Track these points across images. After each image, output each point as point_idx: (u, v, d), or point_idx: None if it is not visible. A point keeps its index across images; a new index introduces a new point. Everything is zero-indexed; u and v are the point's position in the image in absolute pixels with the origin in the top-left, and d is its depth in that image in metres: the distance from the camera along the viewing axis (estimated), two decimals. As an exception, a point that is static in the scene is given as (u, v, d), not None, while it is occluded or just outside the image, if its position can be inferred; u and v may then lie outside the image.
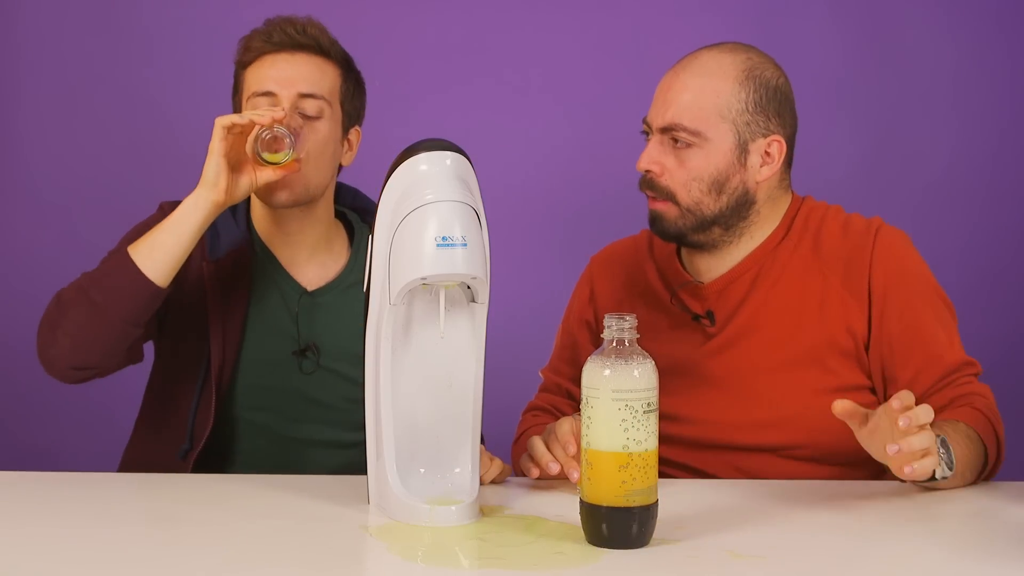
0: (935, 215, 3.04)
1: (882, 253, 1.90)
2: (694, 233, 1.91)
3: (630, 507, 1.46)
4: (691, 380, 1.92)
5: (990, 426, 1.80)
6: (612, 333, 1.48)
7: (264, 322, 1.99)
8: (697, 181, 1.88)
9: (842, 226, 1.95)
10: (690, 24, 3.05)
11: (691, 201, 1.88)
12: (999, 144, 3.12)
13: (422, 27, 3.10)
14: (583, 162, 3.11)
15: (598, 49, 3.12)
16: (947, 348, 1.88)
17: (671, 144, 1.88)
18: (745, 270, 1.94)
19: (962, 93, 3.12)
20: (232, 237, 2.00)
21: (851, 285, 1.89)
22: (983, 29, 3.12)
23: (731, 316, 1.93)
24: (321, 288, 2.03)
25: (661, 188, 1.89)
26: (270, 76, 1.95)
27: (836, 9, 3.12)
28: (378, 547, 1.53)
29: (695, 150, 1.87)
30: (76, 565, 1.44)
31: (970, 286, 1.96)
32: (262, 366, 1.97)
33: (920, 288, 1.91)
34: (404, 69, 3.06)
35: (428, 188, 1.56)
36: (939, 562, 1.48)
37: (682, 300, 1.96)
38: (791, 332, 1.89)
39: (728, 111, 1.87)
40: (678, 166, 1.88)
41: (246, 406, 1.85)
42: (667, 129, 1.88)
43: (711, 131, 1.87)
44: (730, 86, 1.87)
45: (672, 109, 1.87)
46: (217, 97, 2.15)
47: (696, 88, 1.87)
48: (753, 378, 1.89)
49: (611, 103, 3.08)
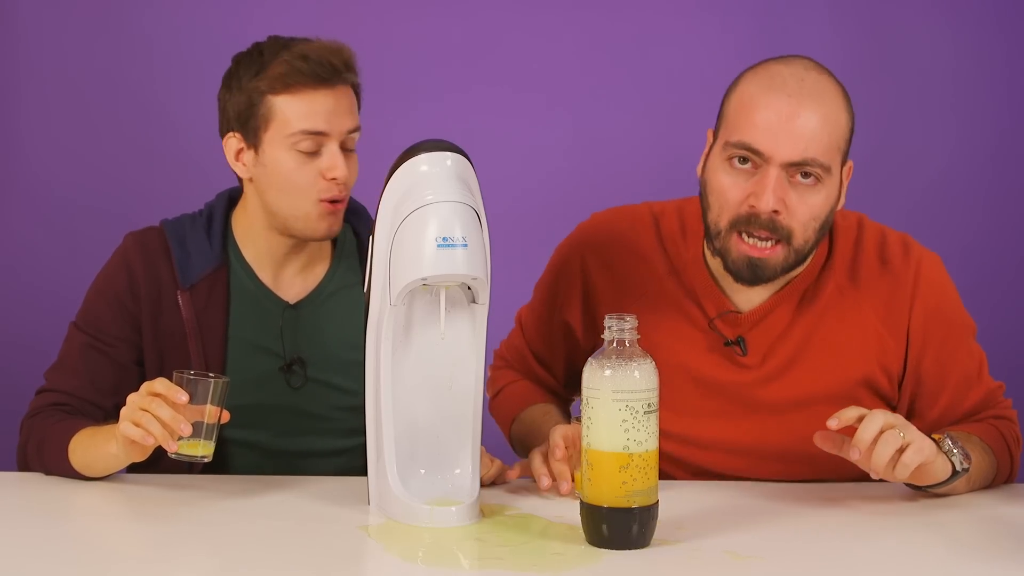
0: (934, 215, 3.03)
1: (923, 292, 1.80)
2: (783, 272, 1.75)
3: (630, 508, 1.46)
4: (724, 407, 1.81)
5: (1005, 446, 1.77)
6: (612, 334, 1.48)
7: (246, 341, 1.96)
8: (815, 220, 1.71)
9: (879, 254, 1.82)
10: (690, 25, 3.04)
11: (804, 240, 1.71)
12: (998, 144, 3.12)
13: (423, 30, 3.10)
14: (583, 162, 3.10)
15: (598, 50, 3.12)
16: (975, 382, 1.83)
17: (790, 178, 1.69)
18: (785, 298, 1.80)
19: (961, 94, 3.12)
20: (206, 261, 1.95)
21: (891, 325, 1.80)
22: (982, 30, 3.12)
23: (771, 349, 1.80)
24: (303, 300, 1.99)
25: (783, 228, 1.70)
26: (319, 114, 1.86)
27: (836, 9, 3.12)
28: (378, 548, 1.53)
29: (819, 187, 1.70)
30: (76, 565, 1.44)
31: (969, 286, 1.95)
32: (249, 385, 1.92)
33: (957, 326, 1.84)
34: (404, 71, 3.05)
35: (429, 189, 1.56)
36: (940, 562, 1.48)
37: (717, 327, 1.82)
38: (829, 368, 1.80)
39: (842, 143, 1.73)
40: (799, 204, 1.69)
41: (236, 426, 1.81)
42: (798, 164, 1.68)
43: (834, 165, 1.72)
44: (845, 114, 1.74)
45: (807, 143, 1.67)
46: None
47: (825, 118, 1.69)
48: (787, 412, 1.80)
49: (611, 104, 3.08)
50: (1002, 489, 1.77)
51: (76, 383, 1.92)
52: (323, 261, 2.03)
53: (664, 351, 1.70)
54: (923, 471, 1.62)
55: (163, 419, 1.64)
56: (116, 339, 1.94)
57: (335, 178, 1.87)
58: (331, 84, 1.88)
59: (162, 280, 1.95)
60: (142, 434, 1.65)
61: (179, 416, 1.64)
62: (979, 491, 1.75)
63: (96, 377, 1.92)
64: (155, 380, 1.69)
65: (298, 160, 1.88)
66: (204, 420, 1.68)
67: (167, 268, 1.95)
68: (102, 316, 1.95)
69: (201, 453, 1.69)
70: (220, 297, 1.95)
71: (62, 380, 1.93)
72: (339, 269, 2.02)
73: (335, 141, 1.88)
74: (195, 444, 1.68)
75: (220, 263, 1.97)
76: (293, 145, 1.87)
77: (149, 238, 1.98)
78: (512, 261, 2.08)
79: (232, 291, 1.97)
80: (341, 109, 1.89)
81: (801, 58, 1.76)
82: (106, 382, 1.92)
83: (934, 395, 1.82)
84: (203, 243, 1.97)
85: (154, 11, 3.06)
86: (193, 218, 2.01)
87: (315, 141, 1.87)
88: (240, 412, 1.79)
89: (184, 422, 1.64)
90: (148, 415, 1.65)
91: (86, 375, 1.92)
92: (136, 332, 1.94)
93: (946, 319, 1.83)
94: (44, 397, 1.93)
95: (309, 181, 1.88)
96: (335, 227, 1.92)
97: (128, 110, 3.06)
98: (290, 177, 1.88)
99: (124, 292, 1.95)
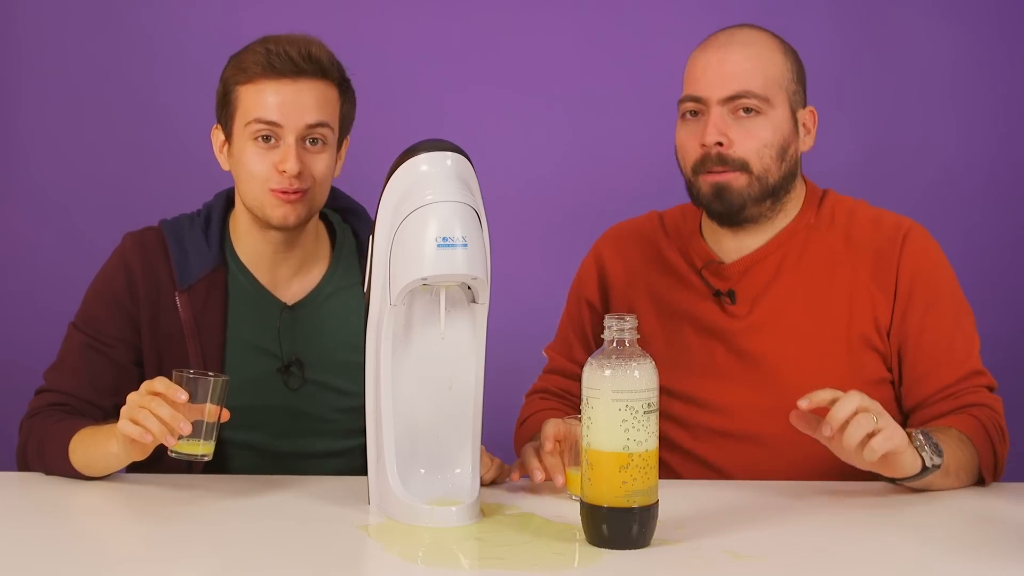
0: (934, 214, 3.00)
1: (912, 250, 1.90)
2: (754, 204, 1.90)
3: (630, 507, 1.46)
4: (711, 363, 1.92)
5: (986, 437, 1.78)
6: (612, 334, 1.48)
7: (245, 342, 1.96)
8: (768, 147, 1.88)
9: (873, 220, 1.95)
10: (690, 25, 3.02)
11: (762, 168, 1.88)
12: (998, 143, 3.12)
13: (422, 29, 3.10)
14: (583, 162, 3.10)
15: (598, 50, 3.12)
16: (961, 356, 1.87)
17: (732, 115, 1.87)
18: (769, 252, 1.93)
19: (961, 93, 3.12)
20: (204, 262, 1.96)
21: (879, 278, 1.89)
22: (982, 29, 3.12)
23: (757, 298, 1.92)
24: (301, 301, 1.99)
25: (734, 159, 1.87)
26: (272, 105, 1.87)
27: (836, 9, 3.12)
28: (378, 548, 1.53)
29: (763, 118, 1.88)
30: (76, 565, 1.44)
31: (969, 286, 1.96)
32: (247, 386, 1.93)
33: (946, 292, 1.90)
34: (404, 70, 3.05)
35: (428, 188, 1.57)
36: (940, 562, 1.47)
37: (705, 277, 1.95)
38: (820, 322, 1.89)
39: (782, 80, 1.90)
40: (746, 135, 1.87)
41: (234, 426, 1.81)
42: (734, 97, 1.87)
43: (775, 98, 1.89)
44: (780, 57, 1.91)
45: (737, 78, 1.87)
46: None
47: (754, 58, 1.89)
48: (779, 365, 1.88)
49: (611, 104, 3.08)
50: (1006, 489, 1.77)
51: (75, 383, 1.92)
52: (321, 262, 2.03)
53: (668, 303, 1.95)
54: (891, 461, 1.63)
55: (162, 417, 1.64)
56: (115, 339, 1.94)
57: (284, 171, 1.87)
58: (291, 77, 1.88)
59: (160, 280, 1.95)
60: (141, 432, 1.65)
61: (178, 415, 1.65)
62: (981, 491, 1.76)
63: (95, 377, 1.92)
64: (155, 379, 1.69)
65: (255, 150, 1.89)
66: (204, 419, 1.68)
67: (166, 268, 1.96)
68: (101, 316, 1.95)
69: (201, 452, 1.69)
70: (218, 298, 1.95)
71: (61, 380, 1.93)
72: (337, 270, 2.02)
73: (291, 134, 1.88)
74: (195, 444, 1.68)
75: (218, 264, 1.97)
76: (251, 134, 1.89)
77: (148, 238, 1.98)
78: (512, 261, 2.08)
79: (230, 292, 1.97)
80: (302, 103, 1.89)
81: (745, 24, 1.96)
82: (105, 382, 1.92)
83: (914, 357, 1.87)
84: (201, 244, 1.97)
85: (154, 11, 3.06)
86: (191, 218, 2.01)
87: (270, 131, 1.88)
88: (239, 413, 1.79)
89: (184, 421, 1.64)
90: (147, 413, 1.65)
91: (85, 375, 1.92)
92: (135, 332, 1.94)
93: (935, 282, 1.90)
94: (43, 397, 1.93)
95: (263, 171, 1.89)
96: (291, 216, 1.91)
97: (128, 110, 3.06)
98: (247, 166, 1.90)
99: (123, 292, 1.95)
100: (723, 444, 1.90)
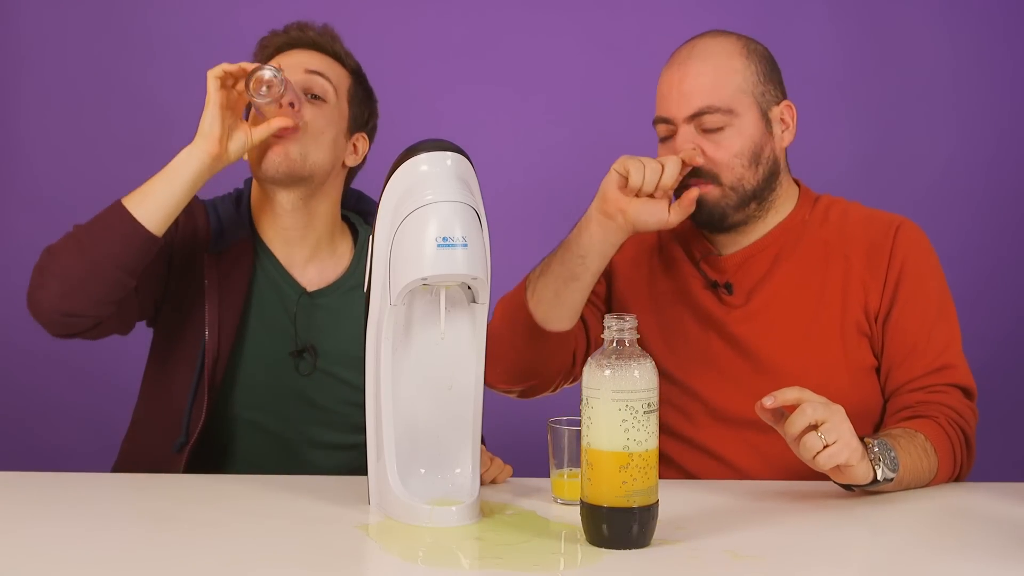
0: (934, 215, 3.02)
1: (904, 240, 1.93)
2: (735, 212, 1.92)
3: (630, 507, 1.46)
4: (708, 350, 1.95)
5: (950, 446, 1.79)
6: (612, 333, 1.48)
7: (262, 320, 1.99)
8: (739, 156, 1.90)
9: (867, 217, 1.98)
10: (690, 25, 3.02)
11: (734, 178, 1.90)
12: (998, 144, 3.12)
13: (422, 29, 3.11)
14: (583, 162, 3.09)
15: (598, 50, 3.12)
16: (938, 348, 1.89)
17: (701, 131, 1.90)
18: (765, 247, 1.97)
19: (962, 93, 3.12)
20: (236, 232, 2.01)
21: (872, 266, 1.92)
22: (982, 29, 3.12)
23: (753, 289, 1.95)
24: (321, 290, 2.03)
25: (706, 172, 1.90)
26: (281, 64, 1.96)
27: (836, 9, 3.12)
28: (378, 548, 1.53)
29: (729, 130, 1.90)
30: (76, 565, 1.44)
31: (969, 286, 1.97)
32: (259, 364, 1.97)
33: (932, 285, 1.93)
34: (405, 70, 3.06)
35: (429, 188, 1.57)
36: (940, 562, 1.47)
37: (703, 269, 1.99)
38: (814, 311, 1.92)
39: (747, 84, 1.91)
40: (716, 148, 1.89)
41: (243, 404, 1.85)
42: (697, 115, 1.89)
43: (739, 107, 1.90)
44: (741, 62, 1.92)
45: (697, 95, 1.89)
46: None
47: (712, 71, 1.90)
48: (773, 353, 1.91)
49: (611, 103, 3.09)
50: (1007, 489, 1.77)
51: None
52: (339, 256, 2.06)
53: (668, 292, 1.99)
54: (843, 470, 1.64)
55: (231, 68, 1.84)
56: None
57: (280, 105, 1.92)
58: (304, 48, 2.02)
59: (198, 238, 2.00)
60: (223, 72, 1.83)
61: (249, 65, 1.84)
62: (982, 491, 1.76)
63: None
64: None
65: None
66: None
67: (204, 229, 2.01)
68: None
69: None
70: (245, 268, 2.00)
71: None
72: (360, 265, 2.05)
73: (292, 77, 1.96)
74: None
75: (248, 237, 2.02)
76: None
77: (193, 203, 2.02)
78: (512, 261, 2.08)
79: (256, 267, 2.01)
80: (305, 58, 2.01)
81: (707, 32, 1.98)
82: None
83: (892, 344, 1.90)
84: (234, 215, 2.03)
85: (154, 11, 3.06)
86: (223, 197, 2.08)
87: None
88: (247, 390, 1.82)
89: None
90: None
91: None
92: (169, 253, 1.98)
93: (923, 275, 1.92)
94: None
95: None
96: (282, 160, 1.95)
97: (128, 110, 3.06)
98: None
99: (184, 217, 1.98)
100: (722, 431, 1.91)
